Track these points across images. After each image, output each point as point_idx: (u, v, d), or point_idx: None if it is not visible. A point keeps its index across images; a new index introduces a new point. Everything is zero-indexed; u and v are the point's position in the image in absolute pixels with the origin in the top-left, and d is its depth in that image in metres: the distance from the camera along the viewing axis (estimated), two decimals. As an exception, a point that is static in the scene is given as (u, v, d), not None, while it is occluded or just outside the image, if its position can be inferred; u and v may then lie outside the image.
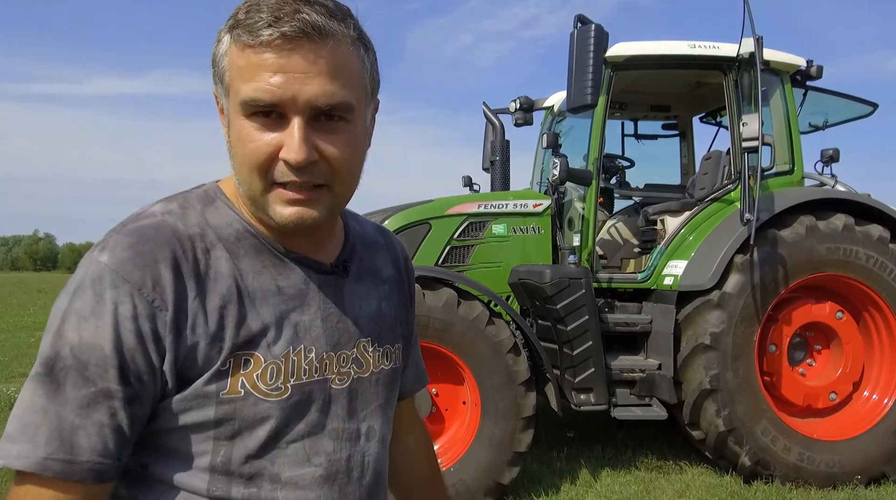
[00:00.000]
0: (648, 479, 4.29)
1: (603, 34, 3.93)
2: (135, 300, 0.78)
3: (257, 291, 0.87)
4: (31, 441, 0.75)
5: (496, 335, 3.83)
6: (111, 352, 0.77)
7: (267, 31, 0.78)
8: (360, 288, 1.00)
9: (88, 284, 0.79)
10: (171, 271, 0.81)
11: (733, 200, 4.52)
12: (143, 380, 0.79)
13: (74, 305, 0.79)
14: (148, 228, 0.83)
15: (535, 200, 4.70)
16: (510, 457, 3.81)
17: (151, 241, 0.82)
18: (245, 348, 0.84)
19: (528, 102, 5.57)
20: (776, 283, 4.18)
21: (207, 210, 0.89)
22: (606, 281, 4.55)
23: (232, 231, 0.88)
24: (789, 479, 4.12)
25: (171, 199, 0.91)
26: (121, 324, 0.78)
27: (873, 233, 4.32)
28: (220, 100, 0.88)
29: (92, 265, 0.80)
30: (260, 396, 0.85)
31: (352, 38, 0.84)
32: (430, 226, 4.50)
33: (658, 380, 4.22)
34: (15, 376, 7.70)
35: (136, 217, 0.86)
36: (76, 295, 0.79)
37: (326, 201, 0.86)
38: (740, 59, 4.41)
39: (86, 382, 0.77)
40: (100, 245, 0.83)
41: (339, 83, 0.82)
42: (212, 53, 0.86)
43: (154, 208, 0.88)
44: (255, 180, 0.83)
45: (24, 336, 11.52)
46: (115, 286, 0.78)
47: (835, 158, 4.99)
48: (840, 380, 4.34)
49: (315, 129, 0.82)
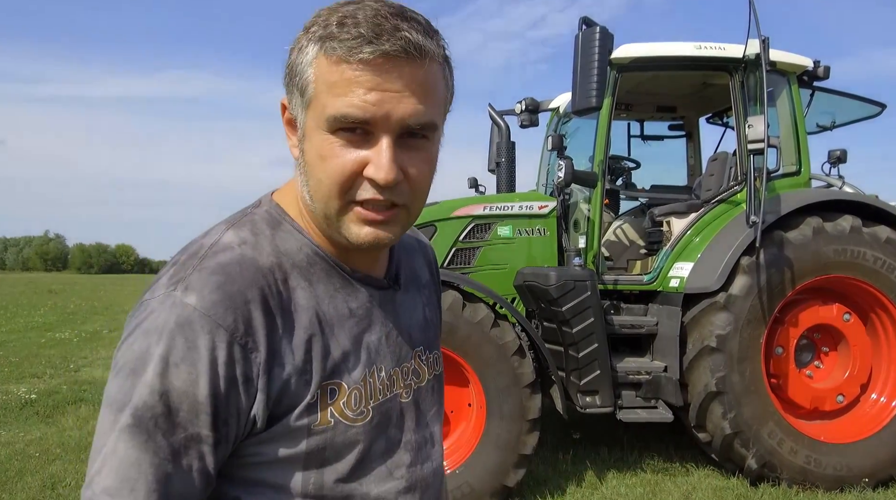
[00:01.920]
0: (654, 481, 4.28)
1: (608, 36, 3.92)
2: (229, 346, 0.76)
3: (334, 317, 0.86)
4: (132, 495, 0.74)
5: (501, 338, 3.84)
6: (205, 399, 0.75)
7: (368, 49, 0.75)
8: (408, 298, 1.01)
9: (176, 329, 0.75)
10: (261, 310, 0.79)
11: (740, 202, 4.51)
12: (230, 423, 0.78)
13: (161, 350, 0.75)
14: (232, 264, 0.80)
15: (540, 202, 4.70)
16: (516, 459, 3.82)
17: (238, 280, 0.79)
18: (331, 378, 0.84)
19: (534, 104, 5.57)
20: (783, 285, 4.17)
21: (277, 235, 0.87)
22: (612, 283, 4.55)
23: (303, 256, 0.87)
24: (796, 482, 4.10)
25: (239, 224, 0.87)
26: (215, 370, 0.76)
27: (881, 234, 4.29)
28: (291, 110, 0.84)
29: (177, 308, 0.76)
30: (348, 423, 0.85)
31: (442, 57, 0.83)
32: (436, 228, 4.50)
33: (664, 382, 4.22)
34: (26, 377, 7.76)
35: (212, 249, 0.82)
36: (162, 339, 0.75)
37: (402, 221, 0.85)
38: (746, 59, 4.39)
39: (176, 428, 0.75)
40: (181, 283, 0.78)
41: (429, 103, 0.81)
42: (289, 61, 0.82)
43: (227, 239, 0.84)
44: (333, 198, 0.81)
45: (35, 337, 11.62)
46: (208, 332, 0.76)
47: (842, 158, 4.96)
48: (847, 382, 4.32)
49: (399, 146, 0.80)
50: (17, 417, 5.92)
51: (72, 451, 4.84)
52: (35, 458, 4.67)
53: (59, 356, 9.30)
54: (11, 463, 4.56)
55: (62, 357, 9.22)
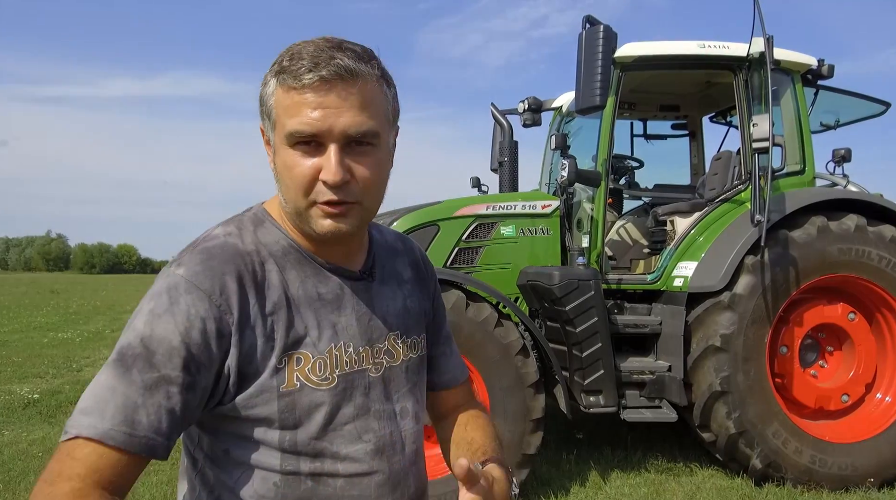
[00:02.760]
0: (658, 481, 4.27)
1: (611, 35, 3.91)
2: (206, 304, 0.94)
3: (302, 298, 1.04)
4: (100, 415, 0.89)
5: (505, 337, 3.83)
6: (179, 344, 0.92)
7: (308, 76, 0.94)
8: (386, 290, 1.17)
9: (164, 290, 0.95)
10: (235, 282, 0.98)
11: (744, 201, 4.49)
12: (201, 371, 0.94)
13: (150, 305, 0.94)
14: (215, 247, 1.01)
15: (543, 202, 4.69)
16: (519, 459, 3.81)
17: (218, 257, 0.99)
18: (295, 348, 1.01)
19: (537, 103, 5.56)
20: (787, 284, 4.15)
21: (259, 230, 1.07)
22: (616, 282, 4.54)
23: (279, 247, 1.05)
24: (801, 482, 4.09)
25: (228, 222, 1.08)
26: (190, 322, 0.93)
27: (886, 233, 4.28)
28: (266, 133, 1.04)
29: (169, 277, 0.97)
30: (313, 386, 1.02)
31: (376, 77, 1.00)
32: (439, 228, 4.49)
33: (668, 382, 4.20)
34: (28, 377, 7.76)
35: (203, 239, 1.03)
36: (152, 299, 0.95)
37: (357, 215, 1.02)
38: (750, 58, 4.38)
39: (151, 368, 0.91)
40: (175, 262, 0.99)
41: (367, 114, 0.98)
42: (259, 94, 1.02)
43: (217, 231, 1.05)
44: (299, 199, 0.99)
45: (38, 336, 11.62)
46: (188, 292, 0.94)
47: (847, 157, 4.94)
48: (852, 382, 4.31)
49: (347, 153, 0.98)
50: (19, 417, 5.92)
51: (75, 451, 4.83)
52: (38, 458, 4.67)
53: (61, 356, 9.31)
54: (14, 463, 4.56)
55: (65, 357, 9.23)
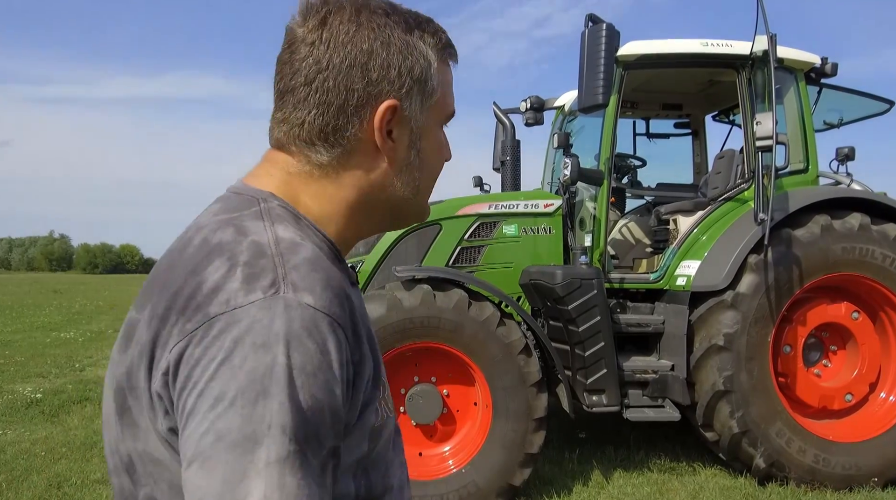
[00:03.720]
0: (661, 481, 4.26)
1: (614, 33, 3.90)
2: (346, 345, 0.71)
3: (363, 311, 0.85)
4: None
5: (507, 336, 3.82)
6: (340, 406, 0.69)
7: (455, 54, 0.91)
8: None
9: (304, 333, 0.67)
10: (347, 308, 0.74)
11: (747, 200, 4.48)
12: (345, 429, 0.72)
13: (295, 360, 0.65)
14: (320, 260, 0.75)
15: (546, 201, 4.68)
16: (522, 458, 3.80)
17: (335, 275, 0.75)
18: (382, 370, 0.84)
19: (539, 102, 5.55)
20: (791, 283, 4.14)
21: (301, 232, 0.81)
22: (618, 281, 4.53)
23: (328, 254, 0.83)
24: (804, 481, 4.08)
25: (275, 218, 0.79)
26: (344, 373, 0.70)
27: (890, 232, 4.26)
28: (411, 112, 0.84)
29: (295, 310, 0.67)
30: (391, 416, 0.85)
31: None
32: (441, 227, 4.49)
33: (671, 381, 4.19)
34: (31, 377, 7.78)
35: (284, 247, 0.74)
36: (292, 348, 0.66)
37: None
38: (753, 57, 4.37)
39: (321, 445, 0.66)
40: (283, 283, 0.69)
41: None
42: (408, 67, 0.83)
43: (286, 234, 0.76)
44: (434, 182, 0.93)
45: (41, 336, 11.65)
46: (332, 332, 0.69)
47: (850, 156, 4.93)
48: (856, 381, 4.29)
49: None
50: (22, 416, 5.93)
51: (77, 450, 4.84)
52: (41, 457, 4.68)
53: (64, 356, 9.32)
54: (17, 462, 4.56)
55: (67, 357, 9.24)
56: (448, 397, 3.93)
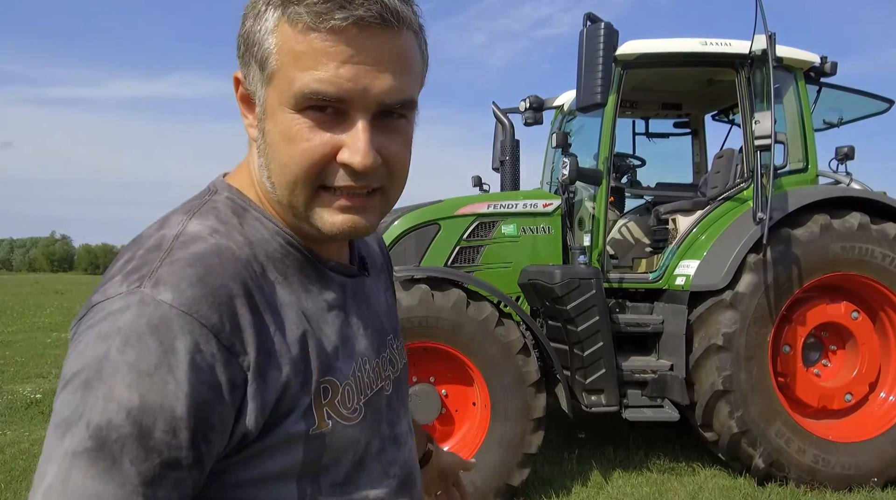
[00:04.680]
0: (660, 481, 4.25)
1: (613, 33, 3.89)
2: (213, 348, 0.65)
3: (315, 311, 0.78)
4: None
5: (506, 336, 3.82)
6: (184, 414, 0.63)
7: (340, 14, 0.67)
8: (373, 283, 0.93)
9: (147, 330, 0.63)
10: (247, 307, 0.69)
11: (746, 199, 4.47)
12: (212, 440, 0.66)
13: (128, 357, 0.62)
14: (209, 255, 0.70)
15: (545, 200, 4.67)
16: (520, 458, 3.80)
17: (220, 272, 0.69)
18: (324, 376, 0.75)
19: (538, 102, 5.54)
20: (790, 282, 4.13)
21: (245, 223, 0.77)
22: (617, 281, 4.52)
23: (276, 247, 0.77)
24: (804, 481, 4.06)
25: (201, 212, 0.76)
26: (198, 378, 0.64)
27: (889, 231, 4.25)
28: (249, 85, 0.75)
29: (147, 306, 0.64)
30: (345, 423, 0.77)
31: (416, 27, 0.75)
32: (440, 226, 4.49)
33: (670, 381, 4.18)
34: (31, 377, 7.78)
35: (178, 241, 0.71)
36: (128, 344, 0.63)
37: (379, 207, 0.77)
38: (753, 56, 4.36)
39: (149, 453, 0.61)
40: (147, 279, 0.66)
41: (407, 77, 0.73)
42: (244, 29, 0.73)
43: (194, 227, 0.73)
44: (300, 186, 0.72)
45: (42, 337, 11.66)
46: (188, 333, 0.64)
47: (850, 155, 4.92)
48: (856, 381, 4.28)
49: (375, 128, 0.72)
50: (22, 416, 5.93)
51: (76, 450, 4.84)
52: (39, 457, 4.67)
53: (64, 356, 9.30)
54: (17, 463, 4.57)
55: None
56: (446, 397, 3.93)
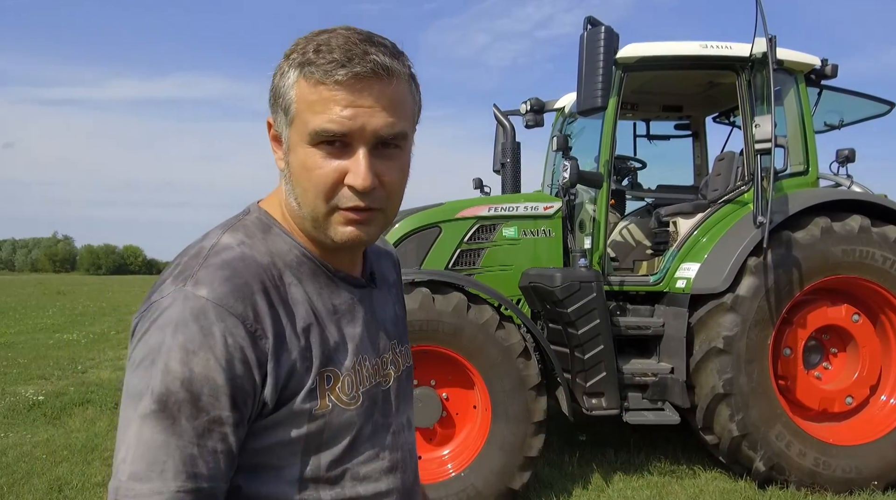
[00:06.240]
0: (661, 483, 4.25)
1: (613, 36, 3.90)
2: (242, 330, 0.84)
3: (323, 311, 0.96)
4: (161, 478, 0.79)
5: (506, 339, 3.82)
6: (224, 382, 0.82)
7: (342, 72, 0.86)
8: (381, 295, 1.11)
9: (191, 318, 0.83)
10: (265, 301, 0.88)
11: (747, 202, 4.47)
12: (248, 404, 0.85)
13: (178, 339, 0.82)
14: (235, 260, 0.90)
15: (545, 203, 4.68)
16: (521, 462, 3.80)
17: (244, 274, 0.89)
18: (327, 365, 0.93)
19: (539, 104, 5.55)
20: (791, 285, 4.13)
21: (268, 238, 0.97)
22: (618, 284, 4.52)
23: (293, 257, 0.96)
24: (805, 484, 4.07)
25: (233, 228, 0.97)
26: (231, 353, 0.83)
27: (890, 234, 4.25)
28: (276, 127, 0.96)
29: (191, 301, 0.84)
30: (343, 406, 0.95)
31: (407, 76, 0.94)
32: (441, 229, 4.49)
33: (671, 384, 4.19)
34: (33, 378, 7.79)
35: (213, 250, 0.91)
36: (178, 330, 0.82)
37: (379, 223, 0.95)
38: (753, 58, 4.36)
39: (199, 412, 0.81)
40: (190, 279, 0.87)
41: (398, 115, 0.91)
42: (273, 85, 0.94)
43: (226, 239, 0.94)
44: (319, 204, 0.91)
45: (44, 338, 11.67)
46: (221, 319, 0.84)
47: (850, 158, 4.92)
48: (856, 384, 4.28)
49: (374, 156, 0.90)
50: (24, 418, 5.94)
51: (79, 453, 4.85)
52: (42, 460, 4.68)
53: (66, 358, 9.34)
54: (19, 465, 4.57)
55: (70, 359, 9.25)
56: (447, 400, 3.93)
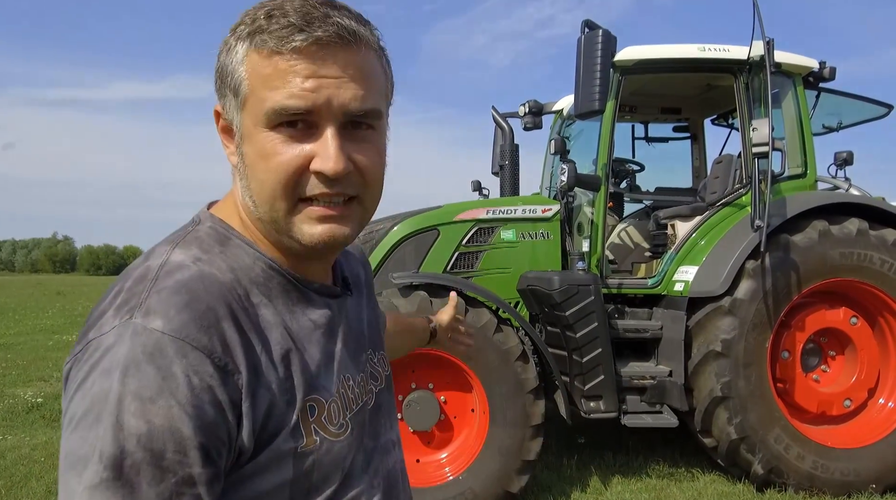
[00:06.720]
0: (660, 486, 4.25)
1: (610, 39, 3.90)
2: (209, 367, 0.69)
3: (300, 331, 0.82)
4: None
5: (504, 343, 3.82)
6: (191, 431, 0.66)
7: (300, 37, 0.73)
8: (354, 301, 0.97)
9: (144, 357, 0.66)
10: (234, 328, 0.73)
11: (745, 205, 4.47)
12: (223, 454, 0.70)
13: (130, 385, 0.65)
14: (193, 281, 0.73)
15: (543, 206, 4.67)
16: (519, 465, 3.80)
17: (204, 297, 0.72)
18: (309, 394, 0.79)
19: (538, 106, 5.55)
20: (789, 288, 4.13)
21: (227, 251, 0.81)
22: (616, 286, 4.52)
23: (258, 271, 0.81)
24: (803, 487, 4.06)
25: (184, 243, 0.80)
26: (198, 397, 0.67)
27: (888, 237, 4.25)
28: (227, 115, 0.81)
29: (140, 336, 0.68)
30: (332, 438, 0.81)
31: (376, 46, 0.81)
32: (439, 232, 4.49)
33: (669, 387, 4.18)
34: (33, 380, 7.79)
35: (163, 271, 0.74)
36: (128, 374, 0.66)
37: (357, 216, 0.81)
38: (751, 61, 4.36)
39: (164, 474, 0.65)
40: (138, 309, 0.70)
41: (370, 88, 0.78)
42: (218, 64, 0.79)
43: (178, 257, 0.77)
44: (278, 199, 0.77)
45: (43, 339, 11.67)
46: (182, 355, 0.67)
47: (848, 160, 4.91)
48: (855, 387, 4.28)
49: (344, 138, 0.77)
50: (23, 421, 5.93)
51: (77, 456, 4.85)
52: (41, 463, 4.68)
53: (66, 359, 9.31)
54: (17, 468, 4.57)
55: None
56: (445, 403, 3.93)
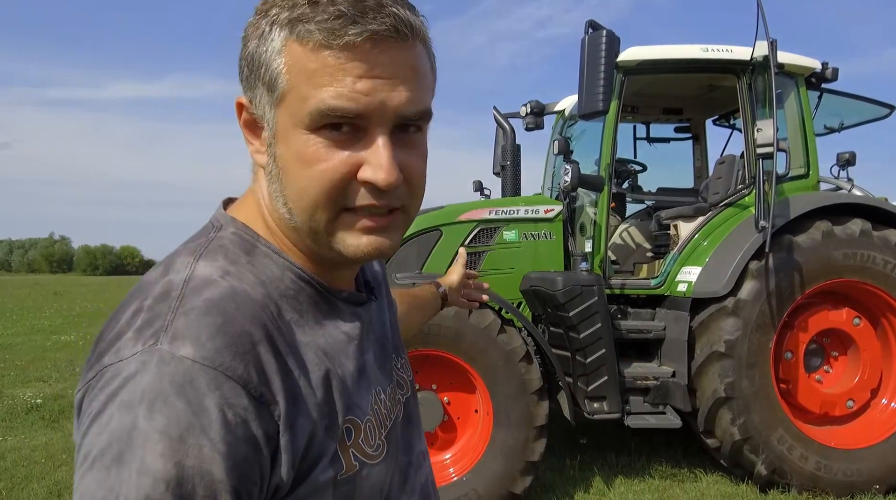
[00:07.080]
0: (663, 487, 4.25)
1: (614, 40, 3.90)
2: (244, 399, 0.62)
3: (333, 346, 0.75)
4: None
5: (508, 343, 3.81)
6: (224, 474, 0.59)
7: (353, 30, 0.64)
8: (378, 306, 0.91)
9: (173, 391, 0.59)
10: (271, 353, 0.65)
11: (748, 205, 4.47)
12: (254, 496, 0.63)
13: (157, 422, 0.58)
14: (225, 300, 0.66)
15: (546, 206, 4.67)
16: (523, 466, 3.79)
17: (239, 318, 0.65)
18: (346, 415, 0.73)
19: (539, 106, 5.54)
20: (792, 289, 4.13)
21: (254, 261, 0.73)
22: (619, 287, 4.52)
23: (288, 283, 0.73)
24: (806, 488, 4.06)
25: (208, 252, 0.72)
26: (232, 436, 0.60)
27: (891, 238, 4.25)
28: (255, 110, 0.72)
29: (168, 365, 0.60)
30: (370, 462, 0.75)
31: (426, 37, 0.72)
32: (442, 233, 4.48)
33: (672, 388, 4.18)
34: (31, 381, 7.77)
35: (189, 288, 0.67)
36: (154, 409, 0.58)
37: (401, 226, 0.74)
38: (754, 62, 4.36)
39: None
40: (164, 333, 0.62)
41: (422, 88, 0.71)
42: (247, 52, 0.70)
43: (204, 270, 0.69)
44: (320, 209, 0.69)
45: (41, 339, 11.63)
46: (216, 387, 0.60)
47: (851, 161, 4.92)
48: (857, 387, 4.28)
49: (395, 144, 0.69)
50: (22, 422, 5.91)
51: (77, 457, 4.83)
52: (41, 464, 4.67)
53: (64, 360, 9.30)
54: (17, 469, 4.55)
55: (68, 361, 9.21)
56: (448, 404, 3.92)
